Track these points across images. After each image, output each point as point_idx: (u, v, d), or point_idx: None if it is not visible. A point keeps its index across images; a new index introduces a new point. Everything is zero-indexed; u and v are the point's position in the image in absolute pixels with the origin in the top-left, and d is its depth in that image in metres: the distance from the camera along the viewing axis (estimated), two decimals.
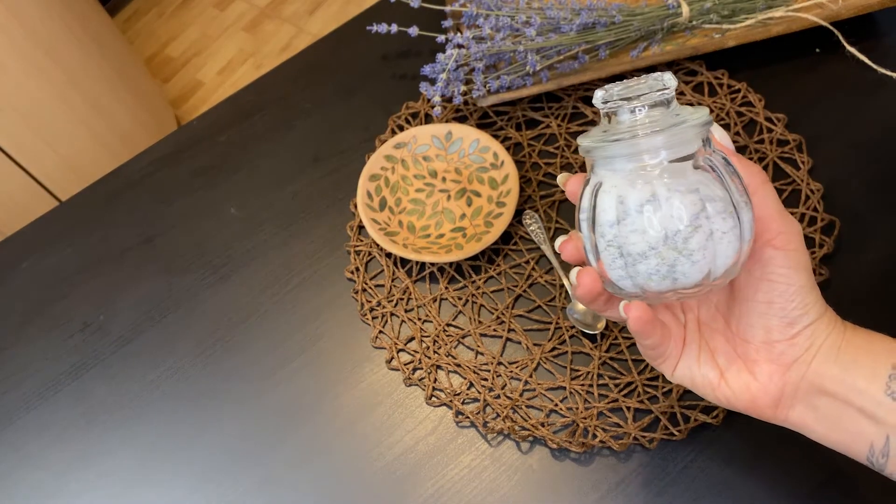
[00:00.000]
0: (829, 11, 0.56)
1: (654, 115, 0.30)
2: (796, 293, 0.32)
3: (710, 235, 0.28)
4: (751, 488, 0.44)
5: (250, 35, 1.72)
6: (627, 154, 0.29)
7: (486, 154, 0.56)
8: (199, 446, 0.49)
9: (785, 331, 0.33)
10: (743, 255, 0.30)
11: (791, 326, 0.32)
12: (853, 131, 0.56)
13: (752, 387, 0.34)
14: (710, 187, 0.29)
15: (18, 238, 0.60)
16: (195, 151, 0.63)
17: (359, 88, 0.65)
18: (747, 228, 0.30)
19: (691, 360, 0.35)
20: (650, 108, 0.30)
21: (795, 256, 0.32)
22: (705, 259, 0.29)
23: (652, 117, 0.30)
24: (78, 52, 1.19)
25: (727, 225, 0.29)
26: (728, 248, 0.29)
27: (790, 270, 0.32)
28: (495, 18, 0.58)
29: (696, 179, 0.29)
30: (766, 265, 0.32)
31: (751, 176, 0.31)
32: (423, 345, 0.51)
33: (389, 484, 0.46)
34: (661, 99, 0.30)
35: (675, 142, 0.29)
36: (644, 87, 0.30)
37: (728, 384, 0.34)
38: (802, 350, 0.33)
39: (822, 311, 0.33)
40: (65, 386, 0.53)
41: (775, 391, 0.33)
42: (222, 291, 0.55)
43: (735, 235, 0.29)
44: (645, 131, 0.29)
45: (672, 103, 0.30)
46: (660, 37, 0.59)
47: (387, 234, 0.53)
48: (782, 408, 0.34)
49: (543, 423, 0.47)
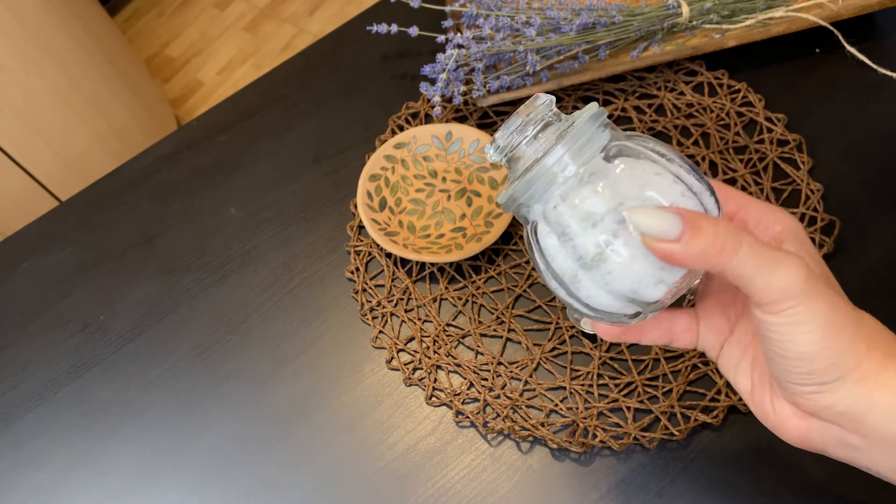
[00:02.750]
0: (829, 11, 0.56)
1: (547, 134, 0.29)
2: (799, 360, 0.26)
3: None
4: (751, 488, 0.44)
5: (250, 35, 1.72)
6: (545, 185, 0.28)
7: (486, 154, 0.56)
8: (199, 446, 0.49)
9: (795, 388, 0.28)
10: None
11: (802, 386, 0.27)
12: (853, 131, 0.56)
13: (770, 419, 0.30)
14: (633, 169, 0.27)
15: (18, 238, 0.60)
16: (195, 151, 0.63)
17: (359, 88, 0.65)
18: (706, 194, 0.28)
19: (730, 361, 0.32)
20: (540, 132, 0.29)
21: (796, 318, 0.26)
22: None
23: (545, 136, 0.28)
24: (78, 52, 1.19)
25: (679, 188, 0.27)
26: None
27: (787, 338, 0.26)
28: (495, 18, 0.58)
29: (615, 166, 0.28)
30: (758, 326, 0.27)
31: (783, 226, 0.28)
32: (423, 345, 0.51)
33: (389, 484, 0.46)
34: (549, 117, 0.29)
35: (578, 145, 0.27)
36: (519, 119, 0.29)
37: (754, 401, 0.31)
38: (821, 407, 0.27)
39: (852, 364, 0.26)
40: (65, 386, 0.53)
41: (796, 434, 0.29)
42: (222, 291, 0.55)
43: (694, 202, 0.27)
44: (543, 149, 0.28)
45: (560, 117, 0.29)
46: (660, 37, 0.59)
47: (387, 234, 0.53)
48: (809, 446, 0.29)
49: (543, 423, 0.47)
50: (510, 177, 0.30)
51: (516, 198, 0.29)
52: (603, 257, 0.27)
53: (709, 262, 0.25)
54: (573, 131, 0.28)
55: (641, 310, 0.29)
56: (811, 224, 0.52)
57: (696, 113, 0.58)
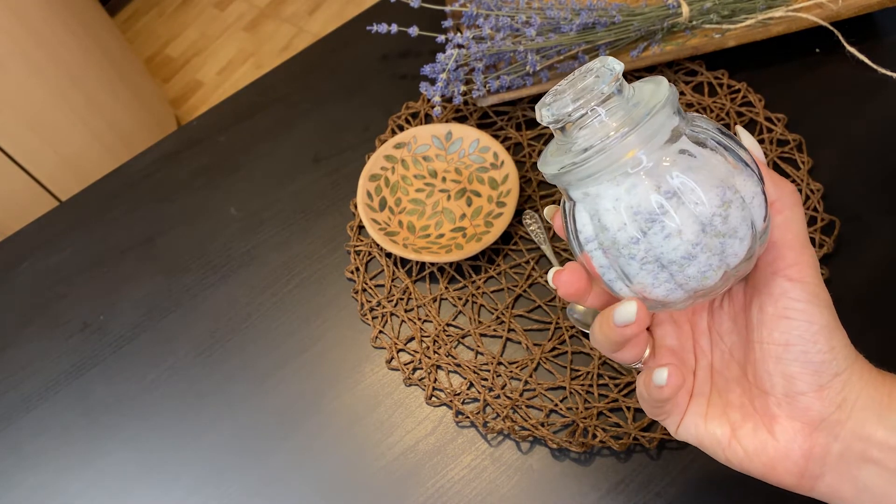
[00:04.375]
0: (829, 11, 0.56)
1: (613, 110, 0.26)
2: (819, 333, 0.27)
3: (743, 202, 0.26)
4: (751, 489, 0.44)
5: (250, 35, 1.72)
6: (607, 166, 0.26)
7: (486, 154, 0.56)
8: (199, 446, 0.49)
9: (810, 380, 0.28)
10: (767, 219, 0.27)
11: (816, 375, 0.28)
12: (853, 131, 0.56)
13: (769, 449, 0.29)
14: (710, 158, 0.26)
15: (18, 238, 0.60)
16: (195, 151, 0.63)
17: (359, 88, 0.65)
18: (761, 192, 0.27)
19: (697, 416, 0.31)
20: (603, 103, 0.26)
21: (813, 289, 0.27)
22: (746, 225, 0.26)
23: (612, 113, 0.26)
24: (78, 52, 1.19)
25: (752, 183, 0.26)
26: (759, 208, 0.26)
27: (809, 305, 0.27)
28: (495, 18, 0.57)
29: (691, 156, 0.26)
30: (780, 299, 0.28)
31: (782, 195, 0.28)
32: (423, 345, 0.51)
33: (389, 484, 0.46)
34: (614, 90, 0.26)
35: (649, 133, 0.25)
36: (590, 84, 0.26)
37: (740, 443, 0.29)
38: (833, 406, 0.28)
39: (852, 358, 0.28)
40: (65, 386, 0.53)
41: (799, 456, 0.28)
42: (222, 291, 0.55)
43: (761, 190, 0.26)
44: (616, 135, 0.25)
45: (624, 89, 0.27)
46: (660, 37, 0.59)
47: (387, 234, 0.53)
48: (808, 477, 0.28)
49: (543, 423, 0.47)
50: (556, 141, 0.28)
51: (570, 179, 0.27)
52: (690, 255, 0.26)
53: (785, 202, 0.28)
54: (650, 120, 0.25)
55: (693, 298, 0.28)
56: (811, 224, 0.52)
57: (695, 113, 0.58)
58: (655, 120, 0.25)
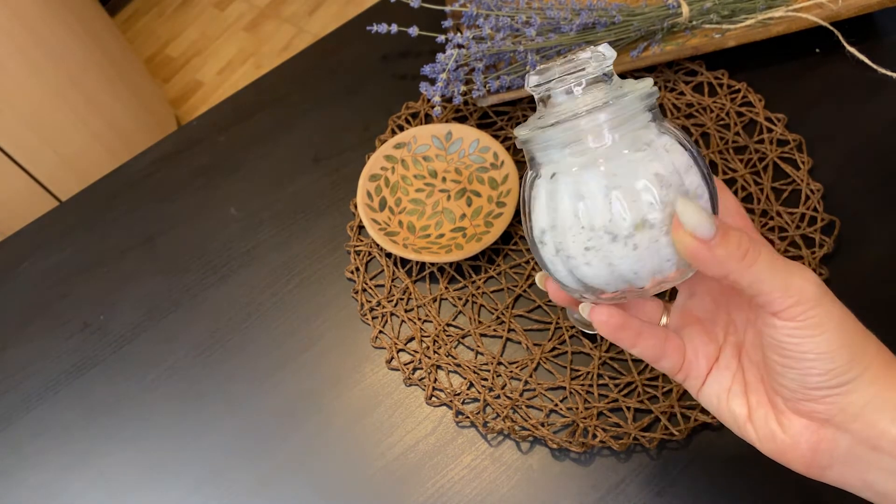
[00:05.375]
0: (829, 11, 0.56)
1: (595, 91, 0.27)
2: (816, 361, 0.26)
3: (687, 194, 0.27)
4: (751, 489, 0.44)
5: (250, 35, 1.72)
6: (573, 137, 0.27)
7: (486, 154, 0.56)
8: (199, 446, 0.49)
9: (810, 393, 0.27)
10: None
11: (816, 390, 0.27)
12: (853, 131, 0.56)
13: (778, 439, 0.29)
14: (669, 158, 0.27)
15: (18, 238, 0.60)
16: (195, 151, 0.63)
17: (359, 88, 0.65)
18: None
19: (721, 387, 0.31)
20: (589, 84, 0.27)
21: (813, 321, 0.26)
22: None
23: (592, 95, 0.27)
24: (78, 52, 1.19)
25: (698, 179, 0.27)
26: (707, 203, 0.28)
27: (803, 340, 0.26)
28: (495, 18, 0.58)
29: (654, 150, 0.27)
30: (771, 334, 0.27)
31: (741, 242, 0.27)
32: (423, 345, 0.51)
33: (389, 484, 0.46)
34: (600, 74, 0.27)
35: (619, 118, 0.26)
36: (580, 63, 0.28)
37: (753, 426, 0.30)
38: (837, 410, 0.27)
39: (863, 365, 0.27)
40: (65, 386, 0.53)
41: (806, 449, 0.28)
42: (222, 291, 0.55)
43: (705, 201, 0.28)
44: (586, 107, 0.26)
45: (613, 78, 0.28)
46: (660, 37, 0.59)
47: (387, 234, 0.53)
48: (816, 466, 0.29)
49: (543, 423, 0.47)
50: (537, 113, 0.29)
51: (539, 141, 0.28)
52: (645, 225, 0.26)
53: (729, 267, 0.26)
54: (623, 102, 0.27)
55: (624, 293, 0.29)
56: (811, 224, 0.52)
57: (696, 113, 0.58)
58: (627, 104, 0.26)
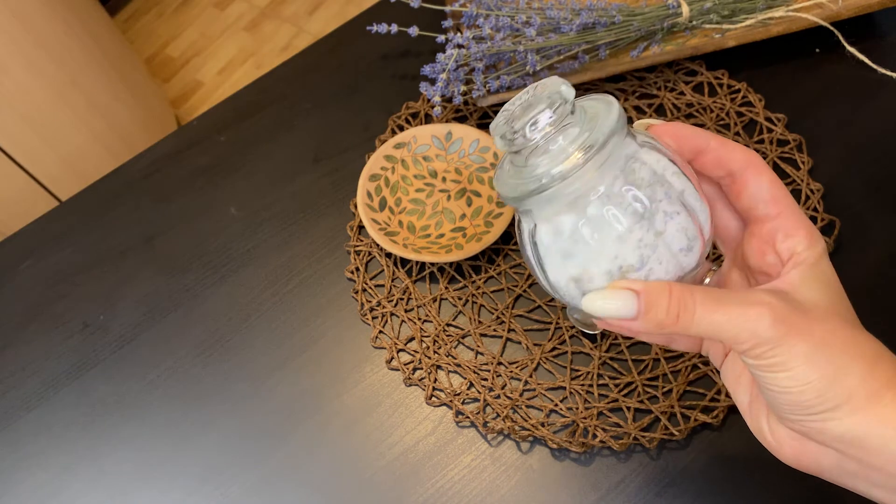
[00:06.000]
0: (829, 11, 0.56)
1: (568, 134, 0.27)
2: (786, 395, 0.26)
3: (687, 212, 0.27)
4: (751, 489, 0.44)
5: (250, 35, 1.72)
6: (570, 194, 0.26)
7: (486, 154, 0.56)
8: (199, 446, 0.49)
9: (784, 417, 0.27)
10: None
11: (792, 416, 0.27)
12: (853, 131, 0.56)
13: (767, 438, 0.29)
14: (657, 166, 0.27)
15: (18, 238, 0.60)
16: (195, 151, 0.63)
17: (359, 88, 0.65)
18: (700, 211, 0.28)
19: (734, 372, 0.31)
20: (559, 130, 0.27)
21: (774, 360, 0.25)
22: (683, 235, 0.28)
23: (567, 137, 0.27)
24: (78, 52, 1.19)
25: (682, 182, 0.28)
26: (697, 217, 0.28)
27: (768, 375, 0.26)
28: (495, 18, 0.57)
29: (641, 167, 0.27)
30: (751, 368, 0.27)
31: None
32: (423, 345, 0.51)
33: (389, 484, 0.46)
34: (567, 112, 0.27)
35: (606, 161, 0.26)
36: (543, 103, 0.27)
37: (751, 416, 0.30)
38: (816, 433, 0.27)
39: (844, 397, 0.25)
40: (65, 386, 0.53)
41: (790, 454, 0.28)
42: (222, 291, 0.55)
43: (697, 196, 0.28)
44: (578, 165, 0.26)
45: (577, 110, 0.27)
46: (660, 37, 0.59)
47: (387, 234, 0.53)
48: (805, 467, 0.28)
49: (543, 423, 0.47)
50: (514, 163, 0.28)
51: (530, 206, 0.28)
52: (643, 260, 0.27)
53: (666, 331, 0.26)
54: (605, 151, 0.26)
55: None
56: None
57: (696, 113, 0.58)
58: (612, 146, 0.26)
